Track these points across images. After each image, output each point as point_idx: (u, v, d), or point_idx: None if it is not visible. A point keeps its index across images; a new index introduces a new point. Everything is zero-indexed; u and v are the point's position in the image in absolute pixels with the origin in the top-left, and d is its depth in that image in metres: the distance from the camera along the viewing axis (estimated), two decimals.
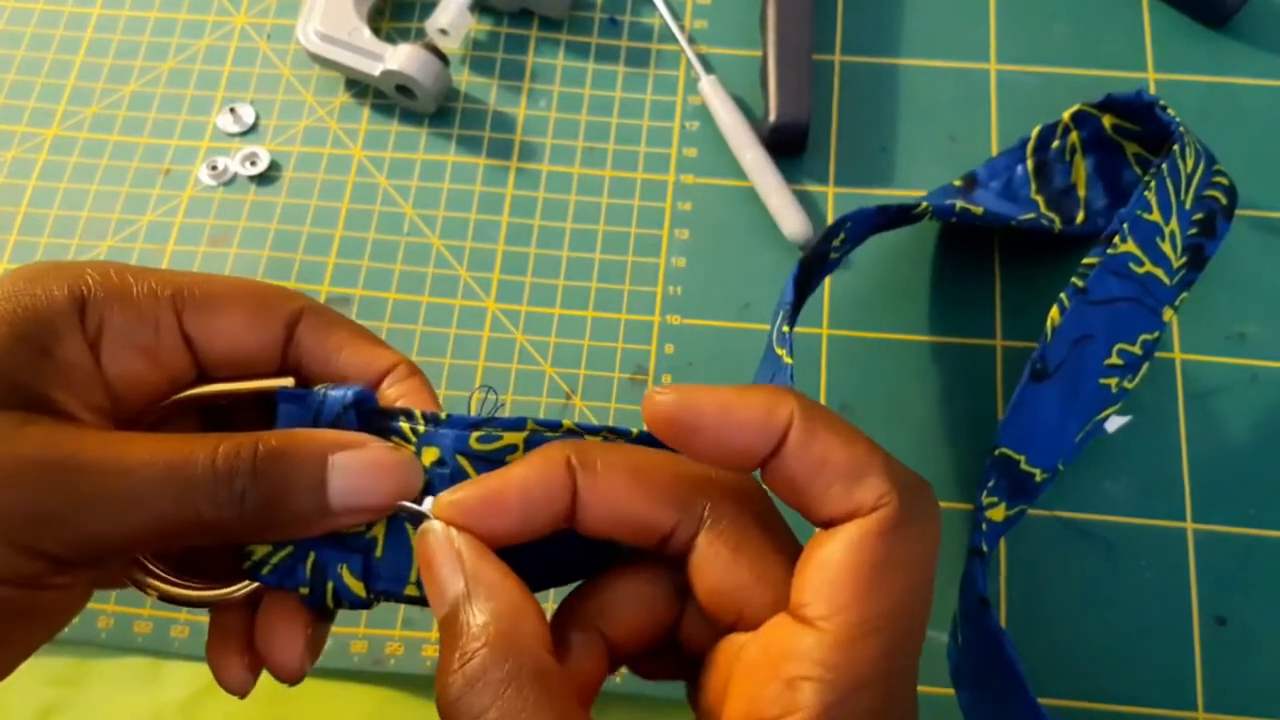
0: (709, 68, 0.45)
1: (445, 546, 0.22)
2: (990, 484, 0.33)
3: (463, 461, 0.24)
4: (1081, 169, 0.41)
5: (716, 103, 0.44)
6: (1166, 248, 0.35)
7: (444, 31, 0.44)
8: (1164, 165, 0.35)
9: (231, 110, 0.45)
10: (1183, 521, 0.37)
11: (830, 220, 0.42)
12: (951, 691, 0.33)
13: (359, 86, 0.46)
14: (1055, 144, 0.41)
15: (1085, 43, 0.45)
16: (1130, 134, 0.40)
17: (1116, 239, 0.34)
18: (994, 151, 0.43)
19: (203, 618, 0.37)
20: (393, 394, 0.25)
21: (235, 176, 0.44)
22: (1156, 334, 0.35)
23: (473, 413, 0.24)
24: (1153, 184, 0.35)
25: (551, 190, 0.44)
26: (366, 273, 0.42)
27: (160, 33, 0.48)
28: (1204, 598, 0.36)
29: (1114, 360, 0.34)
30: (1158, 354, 0.39)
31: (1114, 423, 0.38)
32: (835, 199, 0.43)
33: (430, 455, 0.24)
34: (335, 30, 0.44)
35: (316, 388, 0.24)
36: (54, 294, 0.22)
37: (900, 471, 0.22)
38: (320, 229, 0.43)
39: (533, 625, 0.21)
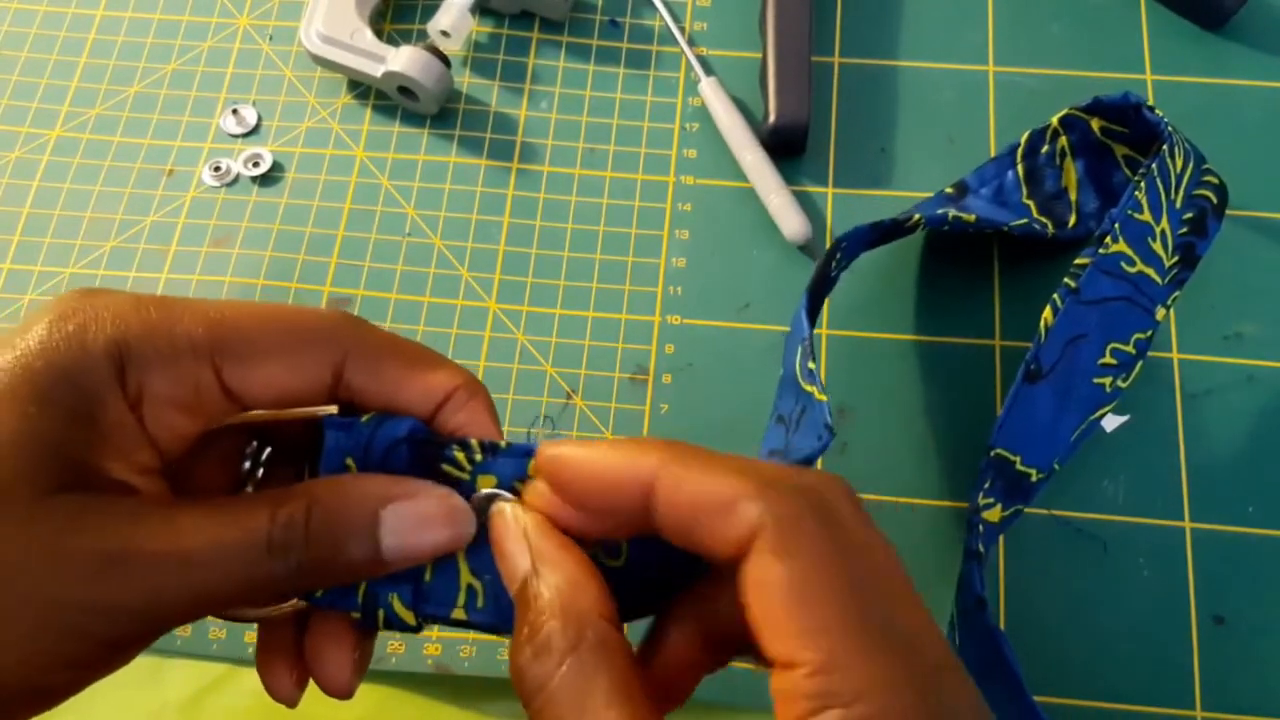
0: (709, 69, 0.45)
1: (513, 526, 0.22)
2: (986, 485, 0.33)
3: (520, 488, 0.24)
4: (1072, 173, 0.41)
5: (716, 104, 0.44)
6: (1158, 247, 0.35)
7: (445, 33, 0.45)
8: (1154, 165, 0.35)
9: (234, 111, 0.46)
10: (1180, 520, 0.37)
11: (830, 220, 0.43)
12: None
13: (361, 88, 0.46)
14: (1045, 149, 0.41)
15: (1083, 45, 0.46)
16: (1119, 136, 0.40)
17: (1108, 239, 0.34)
18: (992, 153, 0.43)
19: (214, 621, 0.37)
20: (453, 423, 0.25)
21: (238, 177, 0.44)
22: (1150, 332, 0.35)
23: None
24: (1143, 184, 0.35)
25: (552, 191, 0.44)
26: (368, 273, 0.42)
27: (163, 34, 0.48)
28: (1201, 597, 0.36)
29: (1108, 360, 0.34)
30: (1155, 354, 0.40)
31: (1111, 422, 0.39)
32: (834, 199, 0.43)
33: (487, 483, 0.24)
34: (337, 32, 0.44)
35: (365, 418, 0.24)
36: (92, 353, 0.21)
37: (777, 484, 0.20)
38: (322, 229, 0.43)
39: (593, 597, 0.21)
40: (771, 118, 0.43)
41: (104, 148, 0.45)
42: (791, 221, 0.41)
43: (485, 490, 0.23)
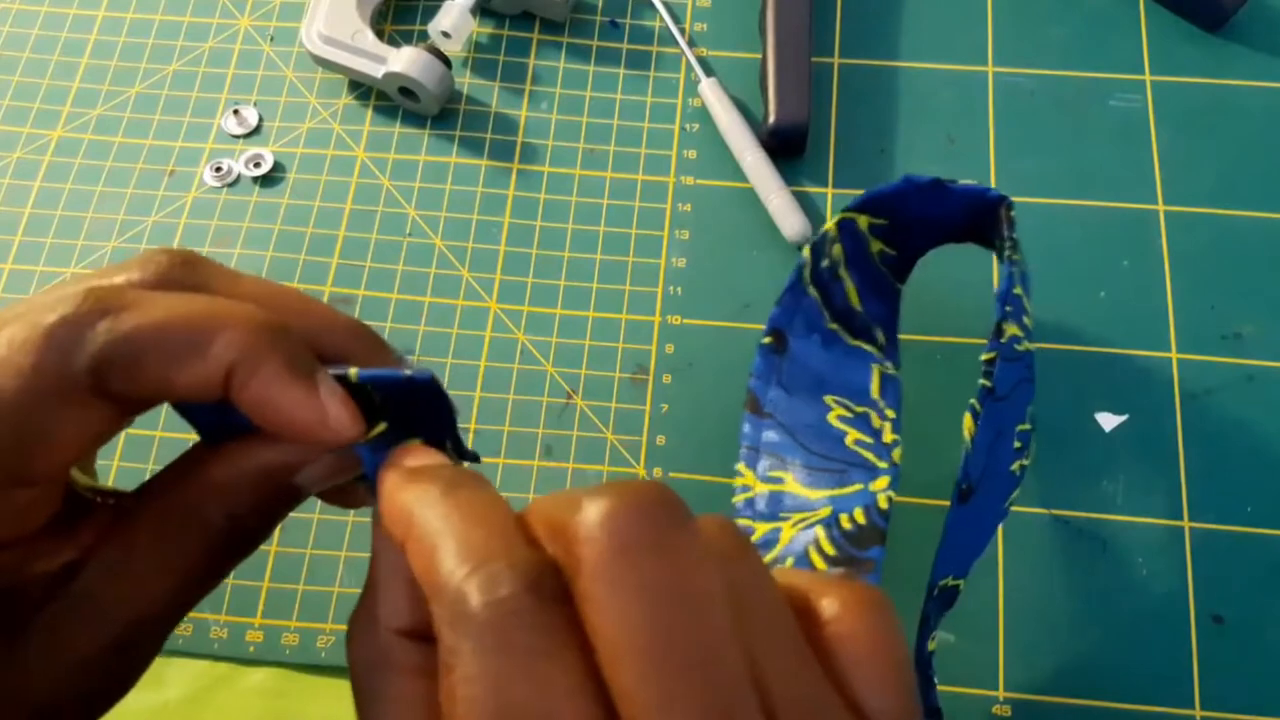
0: (709, 70, 0.45)
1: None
2: (932, 622, 0.31)
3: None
4: (850, 283, 0.37)
5: (716, 105, 0.44)
6: (1029, 319, 0.33)
7: (446, 34, 0.45)
8: (1014, 235, 0.33)
9: (235, 112, 0.46)
10: (1179, 520, 0.37)
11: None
12: None
13: (362, 89, 0.46)
14: (825, 261, 0.36)
15: (1083, 45, 0.46)
16: (878, 230, 0.36)
17: (1003, 325, 0.31)
18: (992, 153, 0.44)
19: (205, 615, 0.37)
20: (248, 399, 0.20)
21: (239, 178, 0.45)
22: (1033, 400, 0.34)
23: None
24: (1017, 257, 0.32)
25: (553, 191, 0.44)
26: (369, 273, 0.43)
27: (165, 35, 0.48)
28: (1201, 596, 0.36)
29: (1017, 444, 0.33)
30: (1155, 353, 0.40)
31: (1111, 422, 0.39)
32: (835, 199, 0.43)
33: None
34: (338, 33, 0.45)
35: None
36: None
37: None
38: (323, 230, 0.43)
39: None
40: (771, 118, 0.43)
41: (105, 148, 0.46)
42: (792, 222, 0.42)
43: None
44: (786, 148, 0.43)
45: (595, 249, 0.43)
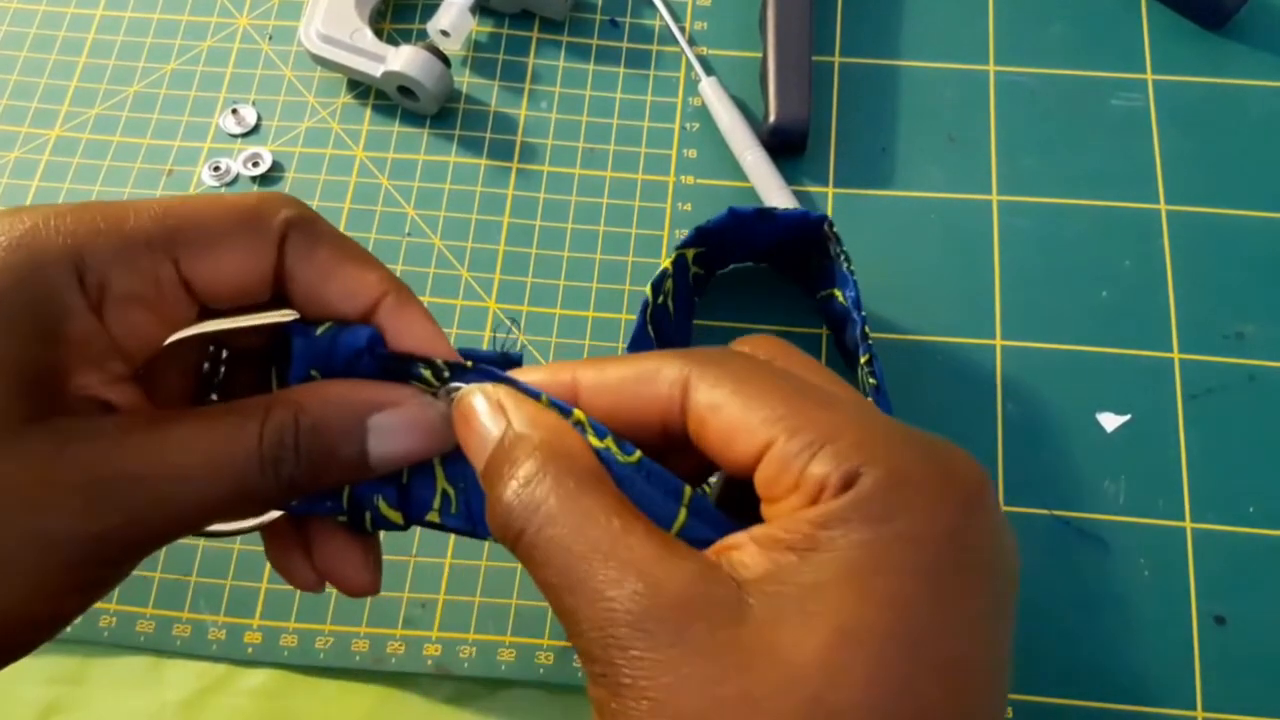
0: (709, 69, 0.45)
1: (488, 399, 0.22)
2: None
3: None
4: (671, 311, 0.39)
5: (716, 104, 0.44)
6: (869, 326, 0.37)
7: (445, 33, 0.45)
8: (845, 250, 0.37)
9: (234, 111, 0.46)
10: (1181, 520, 0.37)
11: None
12: None
13: (361, 88, 0.46)
14: (660, 298, 0.38)
15: (1083, 45, 0.46)
16: (699, 257, 0.39)
17: (866, 328, 0.35)
18: (993, 152, 0.43)
19: (203, 616, 0.37)
20: (391, 328, 0.24)
21: (238, 177, 0.44)
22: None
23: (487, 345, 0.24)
24: (853, 268, 0.36)
25: (552, 191, 0.44)
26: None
27: (163, 34, 0.48)
28: (1202, 596, 0.36)
29: None
30: (1155, 353, 0.40)
31: (1112, 422, 0.39)
32: (835, 199, 0.43)
33: None
34: (337, 32, 0.44)
35: (320, 330, 0.23)
36: (48, 264, 0.20)
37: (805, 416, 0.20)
38: None
39: (580, 443, 0.21)
40: (772, 117, 0.43)
41: (104, 147, 0.45)
42: None
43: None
44: (787, 146, 0.43)
45: (595, 249, 0.43)
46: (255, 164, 0.44)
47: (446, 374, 0.23)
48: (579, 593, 0.18)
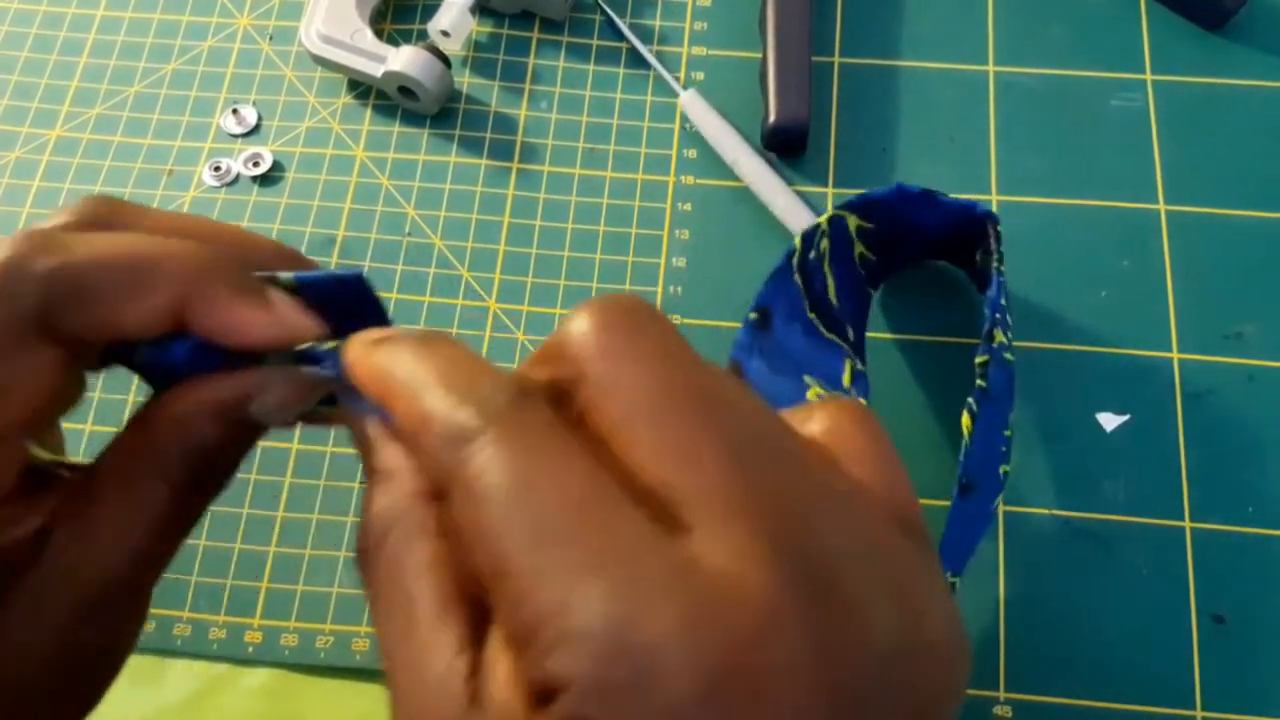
0: (686, 83, 0.45)
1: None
2: None
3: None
4: (830, 280, 0.37)
5: (699, 117, 0.44)
6: (1010, 332, 0.35)
7: (446, 33, 0.45)
8: (1002, 250, 0.35)
9: (234, 111, 0.46)
10: (1180, 520, 0.37)
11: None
12: None
13: (361, 88, 0.46)
14: (813, 253, 0.36)
15: (1083, 45, 0.46)
16: (865, 234, 0.37)
17: (996, 332, 0.33)
18: (993, 152, 0.44)
19: (204, 615, 0.37)
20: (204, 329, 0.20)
21: (238, 177, 0.45)
22: (1014, 411, 0.35)
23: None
24: (1003, 270, 0.35)
25: (553, 191, 0.44)
26: (369, 273, 0.42)
27: (163, 34, 0.48)
28: (1202, 596, 0.36)
29: (1003, 448, 0.34)
30: (1155, 353, 0.40)
31: (1111, 422, 0.39)
32: (835, 199, 0.43)
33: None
34: (337, 32, 0.44)
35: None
36: None
37: None
38: (323, 229, 0.43)
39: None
40: (772, 117, 0.43)
41: (104, 148, 0.45)
42: (801, 220, 0.41)
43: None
44: (787, 147, 0.43)
45: (595, 249, 0.43)
46: (256, 164, 0.44)
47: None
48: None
